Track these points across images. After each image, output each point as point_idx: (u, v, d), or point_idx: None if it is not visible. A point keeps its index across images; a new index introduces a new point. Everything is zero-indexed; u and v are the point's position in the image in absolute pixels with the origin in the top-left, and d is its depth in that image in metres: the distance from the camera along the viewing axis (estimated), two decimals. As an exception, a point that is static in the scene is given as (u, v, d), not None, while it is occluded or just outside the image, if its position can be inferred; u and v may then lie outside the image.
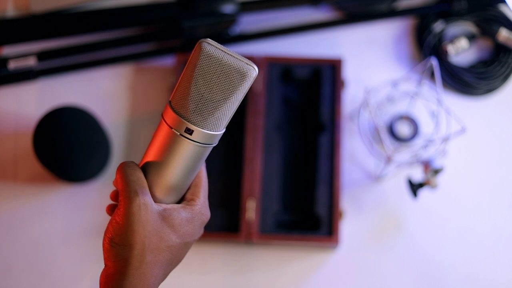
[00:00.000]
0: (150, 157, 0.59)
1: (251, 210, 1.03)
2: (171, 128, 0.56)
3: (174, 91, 0.57)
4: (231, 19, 1.12)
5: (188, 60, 0.56)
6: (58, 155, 1.02)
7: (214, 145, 0.59)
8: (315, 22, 1.17)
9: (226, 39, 1.16)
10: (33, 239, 1.07)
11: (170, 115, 0.56)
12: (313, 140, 1.09)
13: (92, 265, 1.05)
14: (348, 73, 1.14)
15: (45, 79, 1.16)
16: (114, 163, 1.10)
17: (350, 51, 1.16)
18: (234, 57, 0.55)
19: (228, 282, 1.04)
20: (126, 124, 1.13)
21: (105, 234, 0.57)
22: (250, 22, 1.19)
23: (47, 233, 1.07)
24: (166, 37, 1.18)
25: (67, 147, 1.01)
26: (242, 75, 0.55)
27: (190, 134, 0.56)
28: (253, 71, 0.55)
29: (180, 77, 0.56)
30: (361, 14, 1.18)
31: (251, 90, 1.09)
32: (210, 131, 0.57)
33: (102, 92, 1.15)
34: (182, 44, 1.15)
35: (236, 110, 0.58)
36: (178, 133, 0.56)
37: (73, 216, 1.08)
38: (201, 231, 0.64)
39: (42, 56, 1.15)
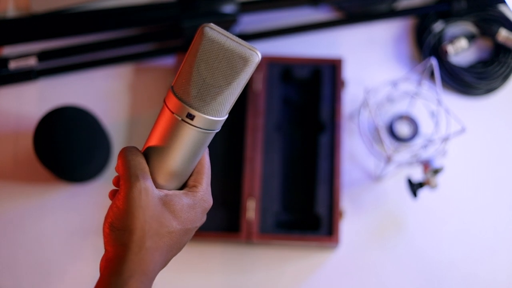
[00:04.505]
0: (152, 142, 0.59)
1: (251, 210, 1.03)
2: (173, 113, 0.56)
3: (176, 77, 0.56)
4: (231, 19, 1.12)
5: (191, 45, 0.55)
6: (58, 155, 1.02)
7: (217, 131, 0.58)
8: (315, 22, 1.17)
9: (226, 39, 1.16)
10: (33, 238, 1.07)
11: (172, 100, 0.56)
12: (313, 140, 1.09)
13: (92, 264, 1.05)
14: (348, 73, 1.14)
15: (45, 79, 1.16)
16: (114, 163, 1.10)
17: (350, 51, 1.16)
18: (237, 42, 0.54)
19: (228, 282, 1.04)
20: (126, 124, 1.13)
21: (105, 219, 0.57)
22: (250, 22, 1.19)
23: (47, 232, 1.07)
24: (166, 37, 1.18)
25: (67, 147, 1.02)
26: (245, 60, 0.54)
27: (192, 119, 0.55)
28: (256, 56, 0.55)
29: (183, 62, 0.56)
30: (361, 14, 1.18)
31: (251, 89, 1.09)
32: (212, 116, 0.56)
33: (102, 92, 1.15)
34: (182, 44, 1.15)
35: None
36: (180, 119, 0.56)
37: (73, 216, 1.08)
38: (203, 218, 0.63)
39: (42, 56, 1.15)
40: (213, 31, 0.54)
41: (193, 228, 0.60)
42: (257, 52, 0.55)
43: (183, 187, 0.62)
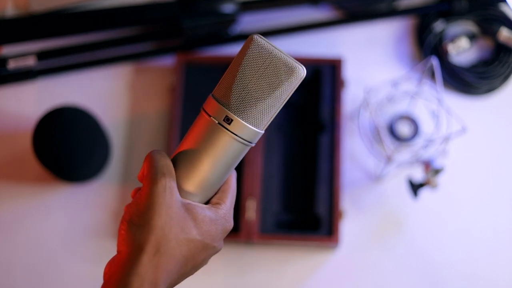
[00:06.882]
0: (183, 147, 0.57)
1: (251, 210, 1.03)
2: (210, 116, 0.55)
3: (218, 85, 0.56)
4: (231, 18, 1.12)
5: (237, 54, 0.55)
6: (58, 155, 1.02)
7: (252, 145, 0.57)
8: (315, 22, 1.17)
9: (226, 38, 1.16)
10: (33, 239, 1.06)
11: (210, 104, 0.55)
12: (313, 140, 1.09)
13: (92, 265, 1.05)
14: (348, 73, 1.14)
15: (44, 79, 1.16)
16: (114, 163, 1.10)
17: (350, 51, 1.15)
18: (284, 54, 0.55)
19: (228, 282, 1.04)
20: (126, 124, 1.13)
21: (122, 219, 0.54)
22: (250, 22, 1.18)
23: (47, 233, 1.07)
24: (166, 37, 1.18)
25: (67, 147, 1.01)
26: (290, 70, 0.55)
27: (229, 124, 0.55)
28: (302, 70, 0.55)
29: (226, 71, 0.56)
30: (361, 14, 1.18)
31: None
32: (250, 124, 0.55)
33: (102, 92, 1.15)
34: (182, 43, 1.15)
35: None
36: (217, 122, 0.55)
37: (73, 216, 1.08)
38: (221, 242, 0.60)
39: (41, 55, 1.15)
40: (262, 39, 0.55)
41: (211, 246, 0.58)
42: (303, 67, 0.55)
43: (206, 203, 0.60)
